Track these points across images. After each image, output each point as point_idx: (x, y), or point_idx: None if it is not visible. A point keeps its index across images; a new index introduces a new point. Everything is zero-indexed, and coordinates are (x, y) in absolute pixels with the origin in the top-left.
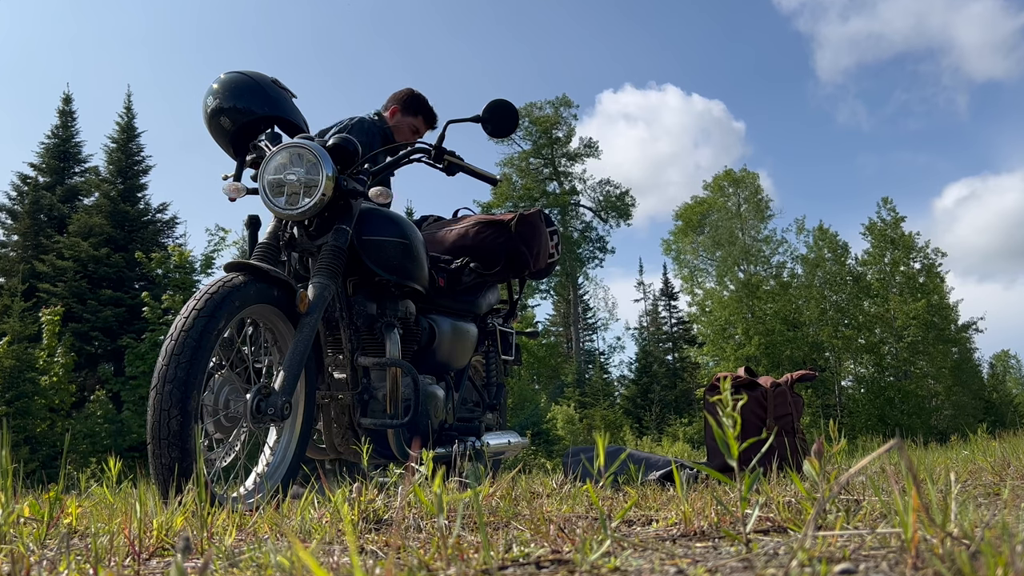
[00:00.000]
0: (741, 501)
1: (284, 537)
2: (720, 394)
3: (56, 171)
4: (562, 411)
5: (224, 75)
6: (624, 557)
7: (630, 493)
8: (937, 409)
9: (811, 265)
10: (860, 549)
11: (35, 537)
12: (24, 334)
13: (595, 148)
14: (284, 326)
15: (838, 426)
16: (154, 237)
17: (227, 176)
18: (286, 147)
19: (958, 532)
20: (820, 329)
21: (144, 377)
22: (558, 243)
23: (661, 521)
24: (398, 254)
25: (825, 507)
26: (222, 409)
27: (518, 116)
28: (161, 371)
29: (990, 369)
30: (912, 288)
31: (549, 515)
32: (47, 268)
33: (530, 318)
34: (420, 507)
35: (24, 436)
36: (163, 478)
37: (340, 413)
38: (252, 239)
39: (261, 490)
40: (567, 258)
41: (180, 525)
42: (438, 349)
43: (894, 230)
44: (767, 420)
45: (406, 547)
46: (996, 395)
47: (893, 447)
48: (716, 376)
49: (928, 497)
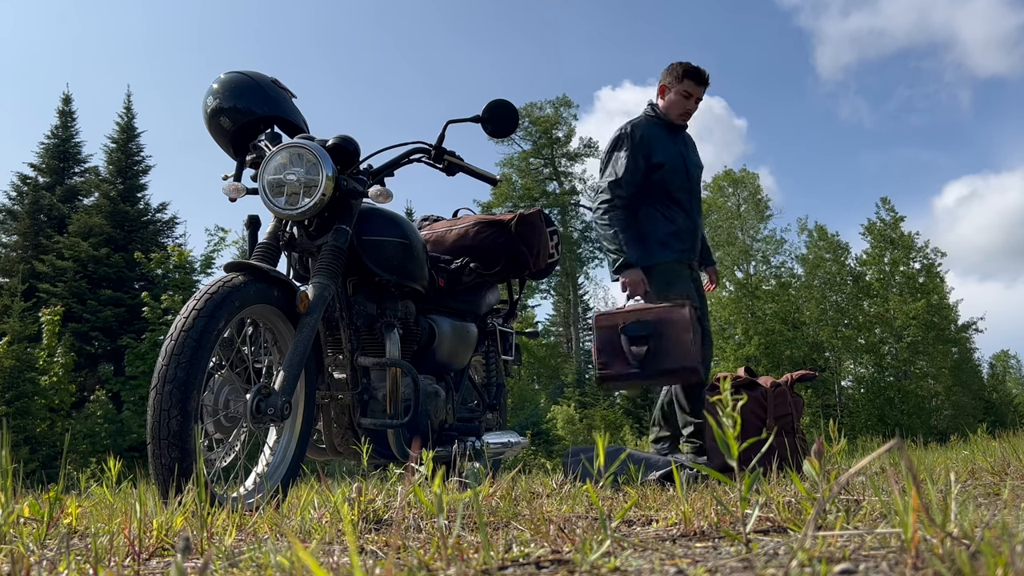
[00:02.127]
0: (741, 501)
1: (284, 537)
2: (720, 394)
3: (56, 171)
4: (562, 411)
5: (224, 75)
6: (624, 557)
7: (630, 493)
8: (937, 409)
9: (811, 265)
10: (860, 549)
11: (35, 537)
12: (24, 334)
13: (595, 148)
14: (284, 326)
15: (838, 426)
16: (154, 237)
17: (227, 176)
18: (286, 147)
19: (958, 532)
20: (820, 329)
21: (144, 377)
22: (558, 243)
23: (661, 521)
24: (398, 254)
25: (825, 507)
26: (222, 409)
27: (518, 116)
28: (161, 371)
29: (990, 369)
30: (912, 288)
31: (549, 515)
32: (47, 268)
33: (530, 318)
34: (420, 507)
35: (24, 436)
36: (163, 478)
37: (340, 413)
38: (252, 239)
39: (261, 490)
40: (567, 258)
41: (180, 525)
42: (438, 349)
43: (894, 230)
44: (767, 420)
45: (406, 547)
46: (996, 395)
47: (893, 447)
48: (716, 376)
49: (928, 497)
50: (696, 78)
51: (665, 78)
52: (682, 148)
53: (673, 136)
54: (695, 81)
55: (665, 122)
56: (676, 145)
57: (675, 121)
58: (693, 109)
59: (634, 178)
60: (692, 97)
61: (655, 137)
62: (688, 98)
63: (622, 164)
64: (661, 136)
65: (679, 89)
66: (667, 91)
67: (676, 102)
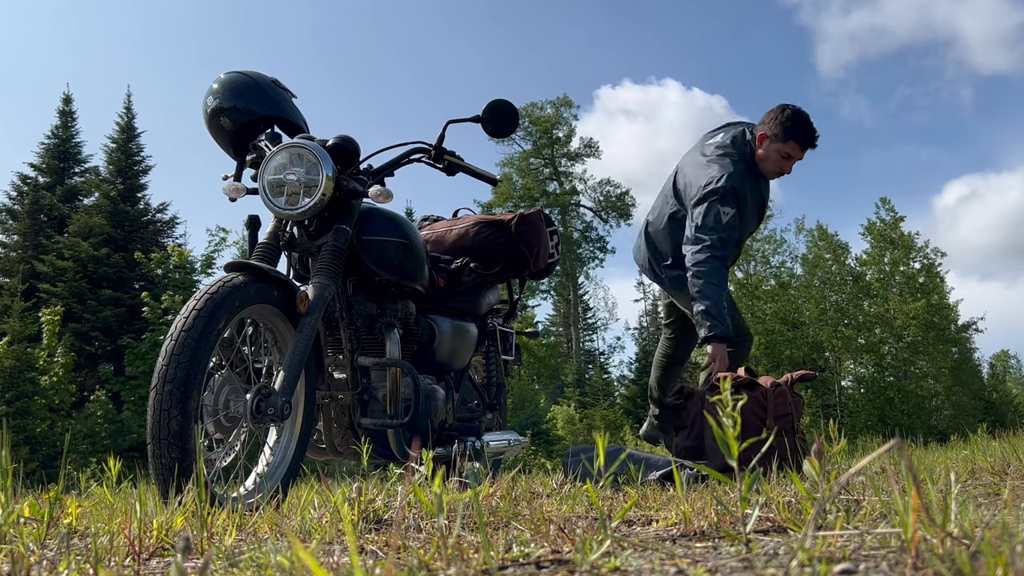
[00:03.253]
0: (741, 501)
1: (284, 537)
2: (720, 394)
3: (56, 171)
4: (562, 411)
5: (224, 75)
6: (624, 557)
7: (630, 493)
8: (937, 409)
9: (811, 265)
10: (860, 549)
11: (35, 537)
12: (24, 334)
13: (595, 148)
14: (284, 326)
15: (838, 426)
16: (154, 237)
17: (227, 176)
18: (286, 147)
19: (958, 532)
20: (820, 329)
21: (144, 377)
22: (558, 243)
23: (661, 521)
24: (398, 254)
25: (825, 507)
26: (222, 409)
27: (518, 116)
28: (161, 371)
29: (990, 369)
30: (912, 288)
31: (549, 515)
32: (47, 268)
33: (530, 318)
34: (420, 507)
35: (24, 436)
36: (163, 478)
37: (340, 413)
38: (252, 239)
39: (261, 490)
40: (567, 258)
41: (180, 525)
42: (438, 349)
43: (893, 230)
44: (767, 420)
45: (406, 547)
46: (996, 395)
47: (893, 447)
48: (716, 376)
49: (928, 497)
50: (806, 141)
51: (770, 125)
52: (763, 190)
53: (758, 180)
54: (802, 145)
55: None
56: (760, 190)
57: (765, 175)
58: (788, 172)
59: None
60: (793, 159)
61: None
62: (788, 159)
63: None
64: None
65: (780, 148)
66: (766, 141)
67: (774, 160)
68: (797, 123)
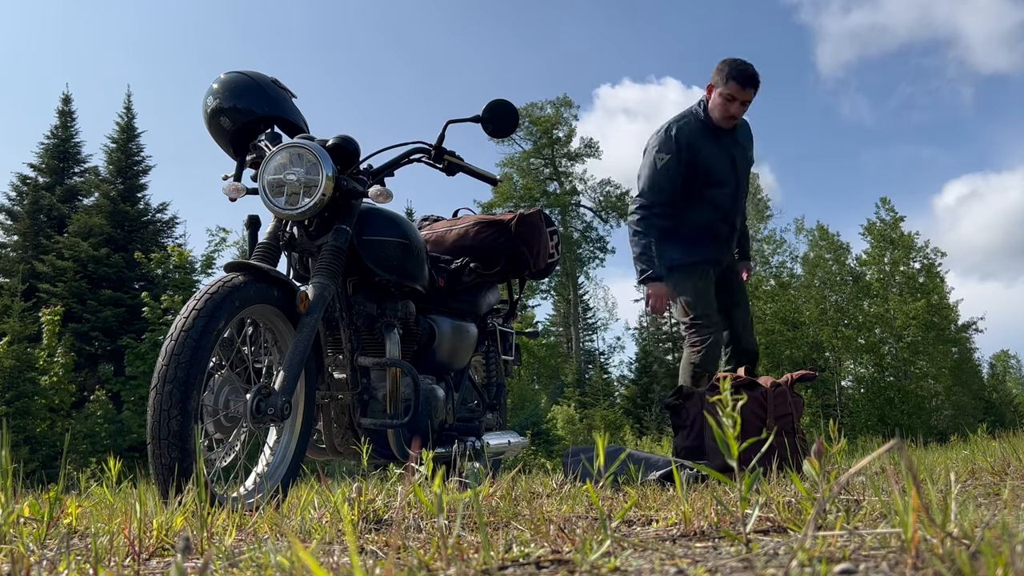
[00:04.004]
0: (741, 501)
1: (284, 537)
2: (720, 394)
3: (56, 171)
4: (562, 411)
5: (224, 75)
6: (624, 557)
7: (630, 493)
8: (937, 409)
9: (811, 265)
10: (860, 549)
11: (35, 537)
12: (24, 334)
13: (595, 148)
14: (284, 326)
15: (838, 426)
16: (154, 237)
17: (227, 176)
18: (286, 147)
19: (958, 532)
20: (820, 329)
21: (144, 377)
22: (558, 243)
23: (661, 521)
24: (398, 254)
25: (825, 507)
26: (222, 409)
27: (518, 116)
28: (161, 371)
29: (990, 369)
30: (912, 288)
31: (549, 515)
32: (47, 268)
33: (530, 318)
34: (420, 507)
35: (24, 436)
36: (163, 478)
37: (340, 413)
38: (252, 239)
39: (261, 490)
40: (567, 258)
41: (180, 525)
42: (438, 349)
43: (893, 230)
44: (767, 420)
45: (406, 547)
46: (996, 395)
47: (893, 447)
48: (716, 376)
49: (928, 497)
50: (742, 80)
51: (713, 76)
52: (729, 146)
53: (718, 135)
54: (740, 83)
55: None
56: (721, 144)
57: (718, 124)
58: (737, 113)
59: (658, 185)
60: (736, 101)
61: (696, 139)
62: (731, 101)
63: (647, 174)
64: (704, 137)
65: (723, 91)
66: (712, 91)
67: (718, 104)
68: (733, 66)
